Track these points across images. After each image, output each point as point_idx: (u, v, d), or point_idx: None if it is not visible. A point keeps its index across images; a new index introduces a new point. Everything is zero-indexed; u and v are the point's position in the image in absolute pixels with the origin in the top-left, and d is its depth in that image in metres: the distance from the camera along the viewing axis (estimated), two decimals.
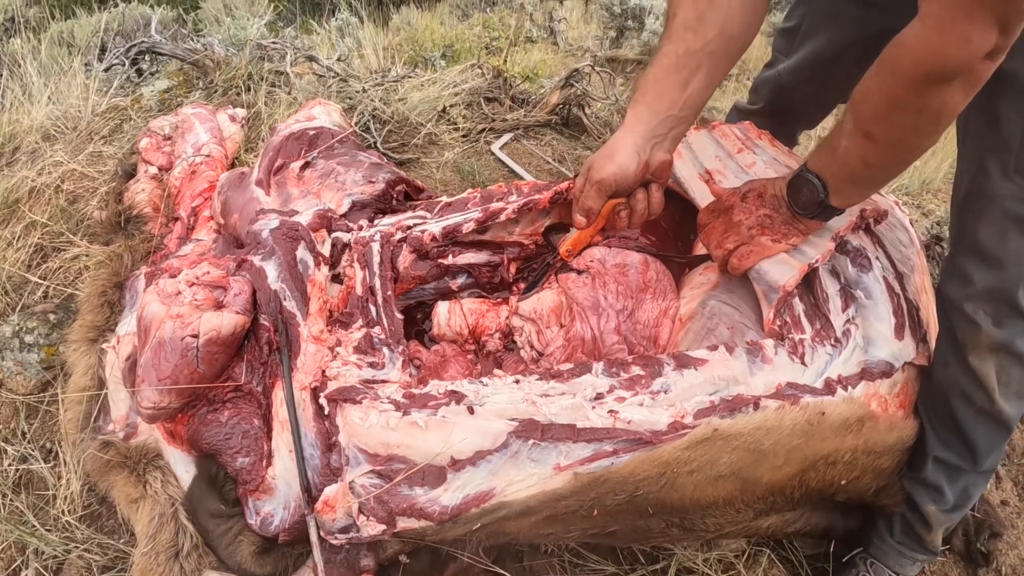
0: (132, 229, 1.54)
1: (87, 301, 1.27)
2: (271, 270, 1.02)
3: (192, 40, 2.23)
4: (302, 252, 1.05)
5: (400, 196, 1.34)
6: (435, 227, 1.15)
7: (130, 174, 1.71)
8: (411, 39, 3.76)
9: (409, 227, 1.15)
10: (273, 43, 2.25)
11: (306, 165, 1.34)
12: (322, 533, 0.83)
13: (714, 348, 0.85)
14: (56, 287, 1.49)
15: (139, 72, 2.23)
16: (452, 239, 1.17)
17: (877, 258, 1.07)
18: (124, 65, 2.07)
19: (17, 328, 1.28)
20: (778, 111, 1.40)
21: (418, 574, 0.89)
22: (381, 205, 1.25)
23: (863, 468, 0.96)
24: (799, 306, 0.96)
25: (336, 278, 1.12)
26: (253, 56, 2.10)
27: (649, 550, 1.05)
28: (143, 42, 2.12)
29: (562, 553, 0.99)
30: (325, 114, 1.55)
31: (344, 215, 1.20)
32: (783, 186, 0.96)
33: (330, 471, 0.83)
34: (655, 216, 0.98)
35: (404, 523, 0.79)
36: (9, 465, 1.16)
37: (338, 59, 2.26)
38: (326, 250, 1.09)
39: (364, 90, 2.04)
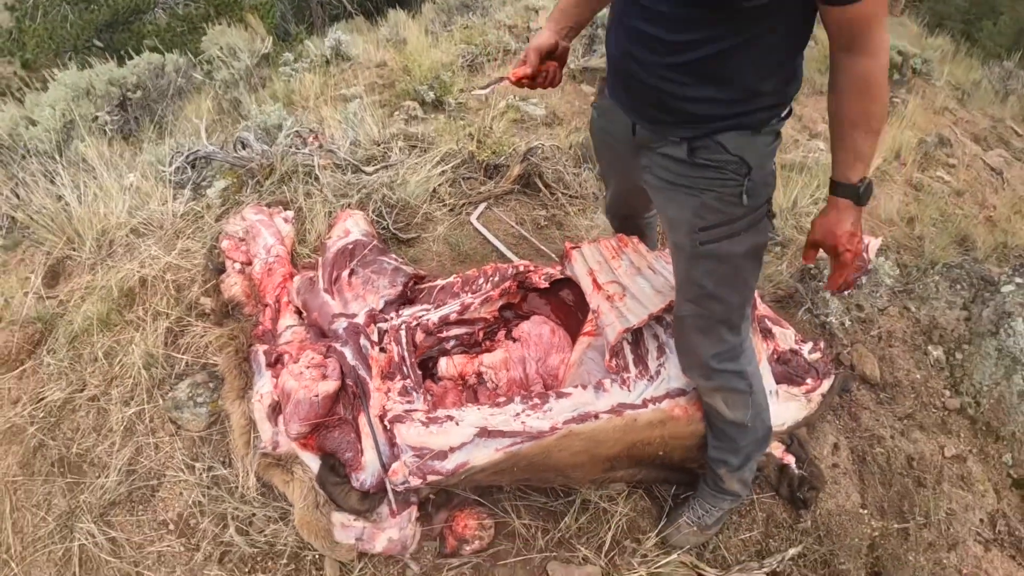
0: (236, 313, 2.79)
1: (228, 371, 2.53)
2: (348, 353, 2.27)
3: (233, 144, 3.45)
4: (363, 340, 2.30)
5: (411, 287, 2.59)
6: (434, 316, 2.40)
7: (220, 269, 2.96)
8: (402, 67, 4.92)
9: (419, 317, 2.40)
10: (297, 132, 3.48)
11: (351, 272, 2.59)
12: (391, 486, 2.09)
13: (577, 386, 2.09)
14: (192, 358, 2.75)
15: (195, 168, 3.46)
16: (444, 321, 2.41)
17: None
18: (189, 171, 3.31)
19: (190, 392, 2.55)
20: (624, 218, 2.45)
21: (439, 504, 2.17)
22: (402, 299, 2.50)
23: (672, 447, 2.19)
24: (630, 355, 2.19)
25: (382, 349, 2.37)
26: (285, 153, 3.31)
27: (563, 490, 2.31)
28: (199, 151, 3.35)
29: (515, 492, 2.26)
30: (355, 225, 2.79)
31: (381, 310, 2.45)
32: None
33: (393, 456, 2.09)
34: (559, 81, 1.88)
35: (430, 478, 2.04)
36: (201, 472, 2.44)
37: (350, 144, 3.47)
38: (375, 336, 2.34)
39: (371, 174, 3.27)
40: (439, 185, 3.22)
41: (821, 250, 1.66)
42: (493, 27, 5.33)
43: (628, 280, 2.29)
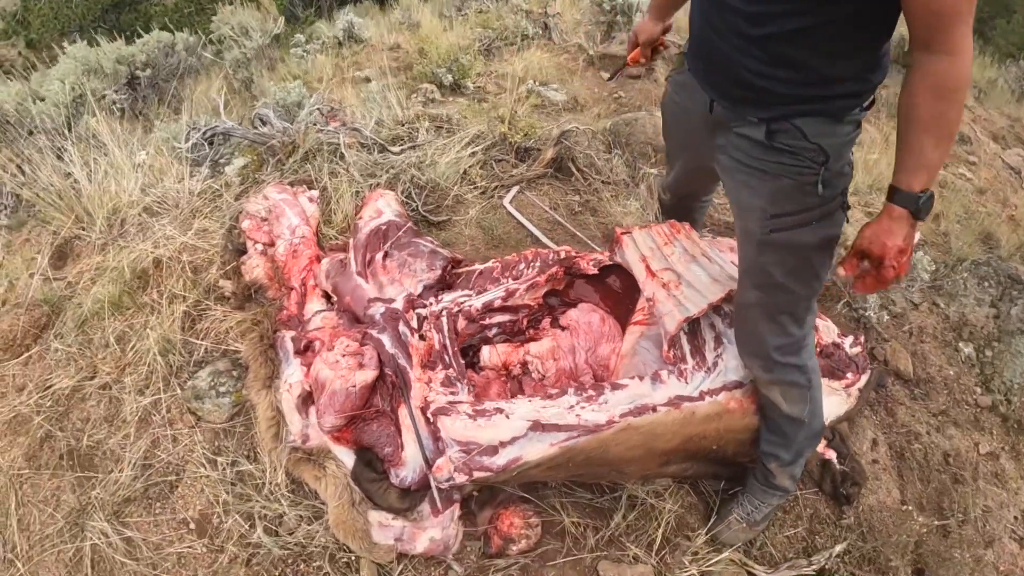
0: (258, 297, 2.60)
1: (253, 359, 2.34)
2: (386, 340, 2.10)
3: (251, 121, 3.26)
4: (402, 327, 2.13)
5: (449, 271, 2.41)
6: (477, 302, 2.22)
7: (241, 250, 2.76)
8: (417, 50, 4.72)
9: (461, 303, 2.23)
10: (318, 109, 3.28)
11: (385, 255, 2.41)
12: (435, 483, 1.93)
13: (632, 377, 1.93)
14: (212, 344, 2.55)
15: (212, 146, 3.26)
16: (488, 308, 2.24)
17: None
18: (206, 148, 3.11)
19: (212, 381, 2.36)
20: (682, 197, 2.34)
21: (482, 501, 2.00)
22: (441, 284, 2.32)
23: (726, 440, 2.04)
24: (687, 346, 2.03)
25: (421, 337, 2.20)
26: (308, 128, 3.12)
27: (608, 486, 2.15)
28: (217, 127, 3.15)
29: (560, 488, 2.10)
30: (387, 206, 2.61)
31: (420, 295, 2.27)
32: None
33: (438, 451, 1.92)
34: (661, 46, 2.07)
35: (477, 475, 1.88)
36: (224, 467, 2.24)
37: (375, 123, 3.28)
38: (414, 323, 2.16)
39: (398, 153, 3.08)
40: (470, 167, 3.05)
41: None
42: (510, 11, 5.16)
43: (682, 267, 2.13)
